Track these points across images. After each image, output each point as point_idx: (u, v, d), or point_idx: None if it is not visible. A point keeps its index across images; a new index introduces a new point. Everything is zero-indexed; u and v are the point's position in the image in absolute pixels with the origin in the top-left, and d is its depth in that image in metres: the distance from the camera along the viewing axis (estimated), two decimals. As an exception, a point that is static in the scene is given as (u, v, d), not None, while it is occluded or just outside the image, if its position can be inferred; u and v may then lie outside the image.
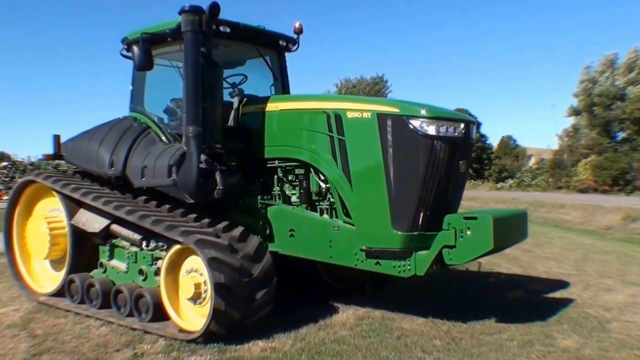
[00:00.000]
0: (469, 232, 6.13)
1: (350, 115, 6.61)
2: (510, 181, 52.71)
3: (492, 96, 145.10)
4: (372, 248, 6.54)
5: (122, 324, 7.12)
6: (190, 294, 6.53)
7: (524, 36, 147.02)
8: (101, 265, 8.02)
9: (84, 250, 8.14)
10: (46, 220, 8.24)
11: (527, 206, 23.77)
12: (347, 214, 6.78)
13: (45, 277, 8.87)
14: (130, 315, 7.19)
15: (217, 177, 6.82)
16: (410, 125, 6.26)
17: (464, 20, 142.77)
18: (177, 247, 6.74)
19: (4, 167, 51.20)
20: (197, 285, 6.51)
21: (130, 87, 8.46)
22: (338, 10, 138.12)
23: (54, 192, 8.28)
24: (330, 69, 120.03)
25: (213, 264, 6.19)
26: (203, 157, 6.80)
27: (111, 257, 7.91)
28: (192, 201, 6.97)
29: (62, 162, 9.16)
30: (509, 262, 11.60)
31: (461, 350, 6.16)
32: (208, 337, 6.34)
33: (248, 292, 6.42)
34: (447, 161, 6.43)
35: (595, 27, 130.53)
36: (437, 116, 6.36)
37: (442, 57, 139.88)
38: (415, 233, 6.38)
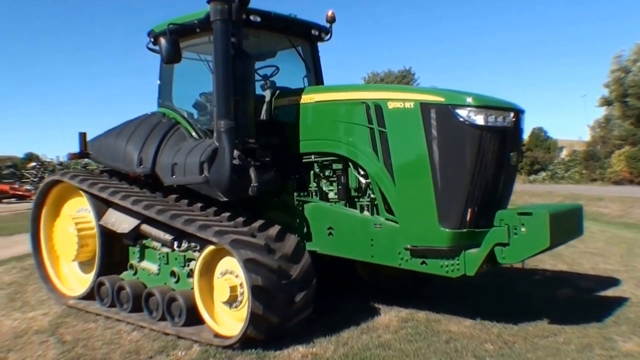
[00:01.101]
0: (523, 229, 5.71)
1: (391, 105, 6.20)
2: (543, 174, 51.75)
3: (522, 88, 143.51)
4: (417, 247, 6.14)
5: (154, 328, 6.80)
6: (225, 297, 6.18)
7: (552, 26, 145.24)
8: (131, 267, 7.71)
9: (113, 252, 7.84)
10: (74, 221, 7.96)
11: (563, 199, 23.19)
12: (389, 211, 6.39)
13: (74, 280, 8.60)
14: (162, 319, 6.87)
15: (252, 173, 6.48)
16: (457, 115, 5.84)
17: (491, 12, 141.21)
18: (210, 247, 6.39)
19: (33, 168, 51.65)
20: (233, 288, 6.16)
21: (158, 82, 8.15)
22: (362, 3, 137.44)
23: (81, 192, 7.99)
24: (354, 63, 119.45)
25: (249, 265, 5.83)
26: (236, 152, 6.46)
27: (142, 258, 7.60)
28: (225, 199, 6.63)
29: (89, 160, 8.86)
30: (552, 258, 11.07)
31: (515, 355, 5.74)
32: (245, 342, 5.98)
33: (287, 294, 6.05)
34: (496, 153, 6.00)
35: (624, 15, 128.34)
36: (485, 105, 5.93)
37: (469, 50, 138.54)
38: (464, 230, 5.96)
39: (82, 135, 8.33)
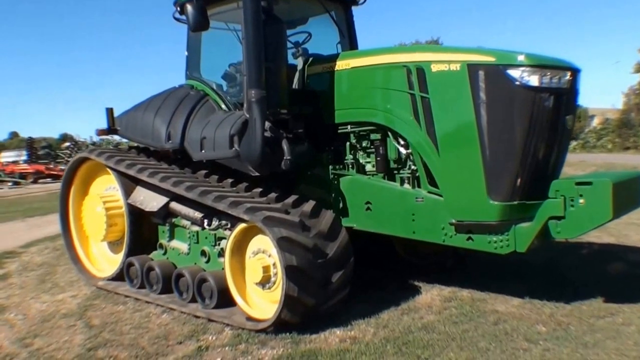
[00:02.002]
0: (581, 201, 5.21)
1: (435, 68, 5.71)
2: (574, 143, 50.58)
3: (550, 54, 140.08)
4: (463, 221, 5.67)
5: (184, 311, 6.48)
6: (258, 278, 5.81)
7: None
8: (161, 246, 7.40)
9: (142, 231, 7.53)
10: (102, 200, 7.66)
11: (597, 169, 22.34)
12: (432, 183, 5.92)
13: (103, 260, 8.33)
14: (193, 301, 6.55)
15: (284, 145, 6.08)
16: (508, 76, 5.33)
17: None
18: (242, 225, 6.02)
19: (67, 148, 52.09)
20: (266, 268, 5.79)
21: (186, 53, 7.76)
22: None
23: (109, 170, 7.68)
24: (379, 36, 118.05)
25: (283, 244, 5.44)
26: (268, 124, 6.07)
27: (171, 237, 7.27)
28: (256, 174, 6.25)
29: (120, 139, 8.55)
30: (596, 230, 10.41)
31: (572, 338, 5.26)
32: (279, 326, 5.62)
33: (323, 274, 5.67)
34: (551, 117, 5.48)
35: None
36: (539, 64, 5.41)
37: (496, 18, 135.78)
38: (515, 203, 5.47)
39: (109, 111, 8.00)
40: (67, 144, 55.76)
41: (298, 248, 5.49)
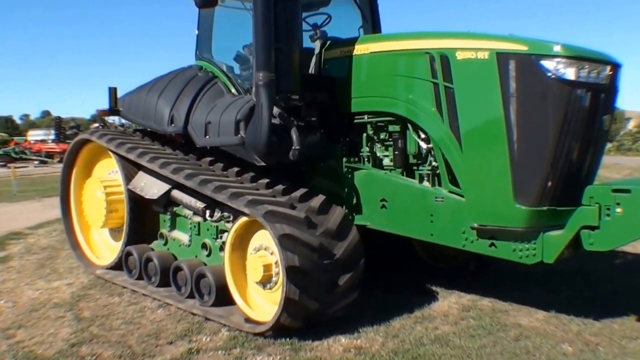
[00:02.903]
0: (618, 210, 4.67)
1: (460, 56, 5.17)
2: (609, 145, 49.61)
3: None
4: (486, 226, 5.14)
5: (180, 307, 6.05)
6: (258, 277, 5.34)
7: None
8: (161, 236, 6.97)
9: (144, 219, 7.11)
10: (102, 184, 7.24)
11: (632, 172, 21.57)
12: (454, 182, 5.38)
13: (104, 248, 7.93)
14: (191, 296, 6.10)
15: (293, 134, 5.60)
16: (542, 68, 4.78)
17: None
18: (244, 219, 5.54)
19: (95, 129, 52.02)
20: (267, 267, 5.31)
21: (196, 32, 7.28)
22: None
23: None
24: (407, 22, 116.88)
25: (285, 242, 4.96)
26: (276, 110, 5.60)
27: (172, 227, 6.84)
28: (262, 164, 5.77)
29: (117, 118, 8.13)
30: (633, 240, 9.84)
31: (600, 361, 4.73)
32: (279, 330, 5.14)
33: (329, 277, 5.18)
34: (588, 115, 4.92)
35: None
36: (577, 55, 4.85)
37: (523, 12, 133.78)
38: (544, 208, 4.92)
39: (112, 91, 7.56)
40: (96, 124, 55.83)
41: (302, 247, 5.01)
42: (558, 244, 4.89)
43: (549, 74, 4.76)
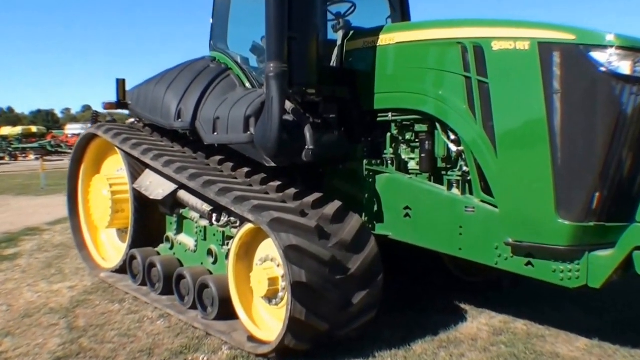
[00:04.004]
0: None
1: (496, 46, 4.51)
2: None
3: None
4: (522, 242, 4.47)
5: (181, 319, 5.52)
6: (263, 292, 4.77)
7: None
8: (168, 239, 6.46)
9: (151, 220, 6.60)
10: (108, 182, 6.75)
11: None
12: (487, 191, 4.72)
13: (112, 249, 7.46)
14: (194, 307, 5.57)
15: (307, 132, 5.00)
16: (592, 60, 4.09)
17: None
18: (250, 225, 4.98)
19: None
20: (273, 280, 4.73)
21: (211, 20, 6.75)
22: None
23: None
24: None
25: (292, 255, 4.37)
26: (289, 105, 5.03)
27: (179, 230, 6.32)
28: (272, 164, 5.20)
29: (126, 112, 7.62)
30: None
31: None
32: (283, 353, 4.57)
33: (341, 294, 4.57)
34: None
35: None
36: (633, 46, 4.15)
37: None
38: (591, 224, 4.23)
39: (120, 83, 7.06)
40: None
41: (310, 260, 4.42)
42: (606, 266, 4.19)
43: (600, 68, 4.07)
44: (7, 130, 49.99)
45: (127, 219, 6.72)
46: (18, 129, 50.92)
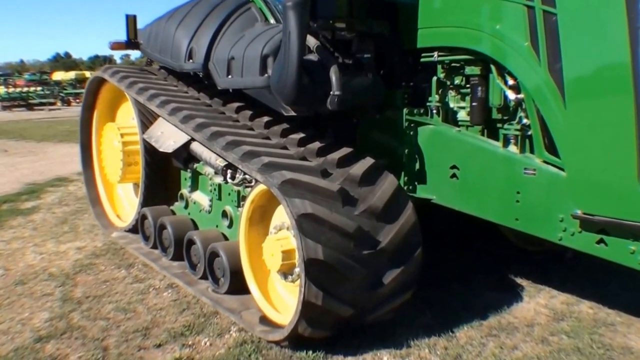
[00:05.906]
0: None
1: (570, -34, 3.55)
2: None
3: None
4: (594, 216, 3.57)
5: (190, 291, 4.83)
6: (277, 266, 4.01)
7: None
8: (182, 197, 5.76)
9: (166, 175, 5.91)
10: (119, 132, 6.05)
11: None
12: (551, 149, 3.81)
13: (128, 206, 6.81)
14: (206, 277, 4.87)
15: (333, 75, 4.11)
16: None
17: None
18: (263, 186, 4.19)
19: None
20: (288, 254, 3.95)
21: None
22: None
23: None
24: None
25: (307, 225, 3.58)
26: (313, 41, 4.21)
27: (194, 188, 5.61)
28: (291, 113, 4.37)
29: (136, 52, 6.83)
30: None
31: None
32: (297, 342, 3.82)
33: (369, 273, 3.77)
34: None
35: None
36: None
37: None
38: (685, 195, 3.31)
39: (130, 20, 6.24)
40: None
41: (330, 232, 3.61)
42: (700, 248, 3.29)
43: None
44: (60, 75, 49.78)
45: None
46: (71, 74, 50.61)
